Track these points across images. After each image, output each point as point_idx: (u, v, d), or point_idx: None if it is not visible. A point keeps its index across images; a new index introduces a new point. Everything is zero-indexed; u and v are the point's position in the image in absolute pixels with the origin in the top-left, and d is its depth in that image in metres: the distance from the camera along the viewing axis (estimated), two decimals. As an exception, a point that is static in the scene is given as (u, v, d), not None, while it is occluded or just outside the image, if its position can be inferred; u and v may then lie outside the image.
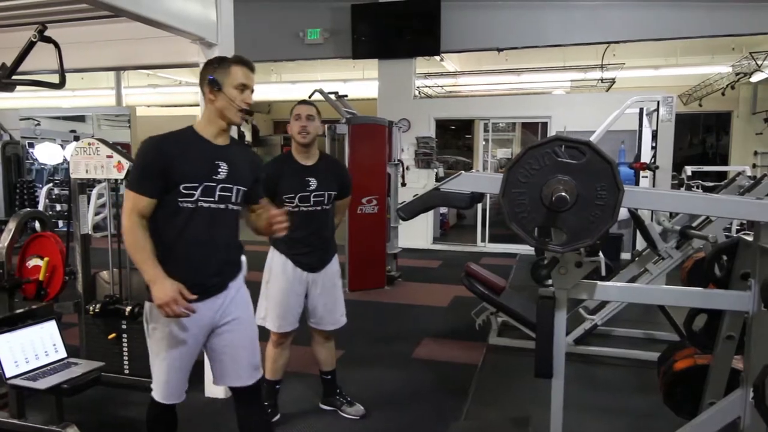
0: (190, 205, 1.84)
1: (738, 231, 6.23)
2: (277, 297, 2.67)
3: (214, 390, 3.09)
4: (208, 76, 1.87)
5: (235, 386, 2.03)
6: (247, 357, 2.01)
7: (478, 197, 1.99)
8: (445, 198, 1.99)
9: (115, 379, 3.11)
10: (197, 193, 1.84)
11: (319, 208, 2.65)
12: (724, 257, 2.19)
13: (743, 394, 1.92)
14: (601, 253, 1.90)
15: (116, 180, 3.12)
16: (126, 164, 2.96)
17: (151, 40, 2.95)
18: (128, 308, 3.01)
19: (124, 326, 3.09)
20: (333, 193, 2.69)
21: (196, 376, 3.19)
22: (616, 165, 1.68)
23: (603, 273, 1.85)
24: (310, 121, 2.61)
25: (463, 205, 1.96)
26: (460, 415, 2.93)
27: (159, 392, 1.95)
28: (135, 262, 1.82)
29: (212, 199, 1.87)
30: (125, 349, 3.11)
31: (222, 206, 1.89)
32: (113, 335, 3.09)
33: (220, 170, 1.88)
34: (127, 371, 3.13)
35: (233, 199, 1.92)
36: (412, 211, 2.06)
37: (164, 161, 1.81)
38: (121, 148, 3.16)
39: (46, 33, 2.51)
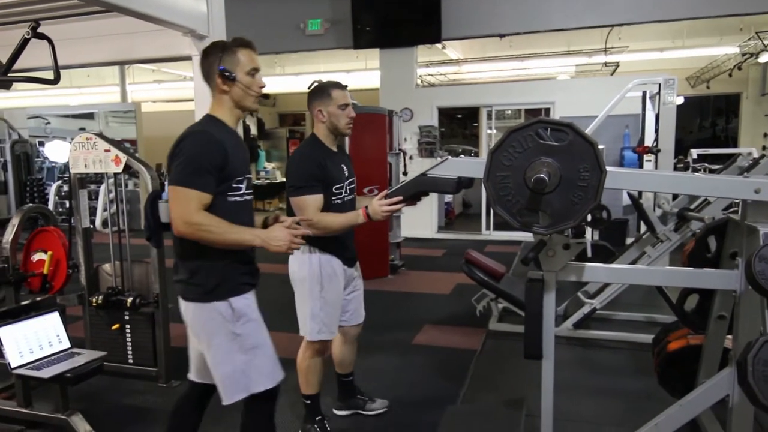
0: (238, 199, 1.86)
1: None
2: (335, 302, 2.49)
3: (216, 378, 3.14)
4: (219, 67, 1.81)
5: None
6: None
7: (466, 182, 2.00)
8: (432, 183, 1.99)
9: (119, 369, 3.18)
10: (243, 187, 1.87)
11: (352, 196, 2.50)
12: (715, 237, 2.20)
13: (732, 372, 1.92)
14: (588, 235, 1.91)
15: (115, 174, 3.18)
16: (123, 158, 3.01)
17: (144, 34, 2.98)
18: (130, 299, 3.07)
19: (126, 317, 3.16)
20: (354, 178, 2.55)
21: (185, 362, 3.26)
22: (598, 146, 1.69)
23: (589, 255, 1.85)
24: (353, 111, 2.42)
25: (450, 190, 1.97)
26: (458, 400, 2.97)
27: (273, 377, 1.90)
28: (229, 239, 1.76)
29: (251, 191, 1.94)
30: (128, 339, 3.17)
31: (249, 198, 1.95)
32: (116, 326, 3.16)
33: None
34: (131, 361, 3.19)
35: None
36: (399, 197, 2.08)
37: (223, 158, 1.77)
38: (129, 145, 3.21)
39: (40, 30, 2.55)
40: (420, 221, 8.35)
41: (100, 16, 2.96)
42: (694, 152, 8.24)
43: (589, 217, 1.76)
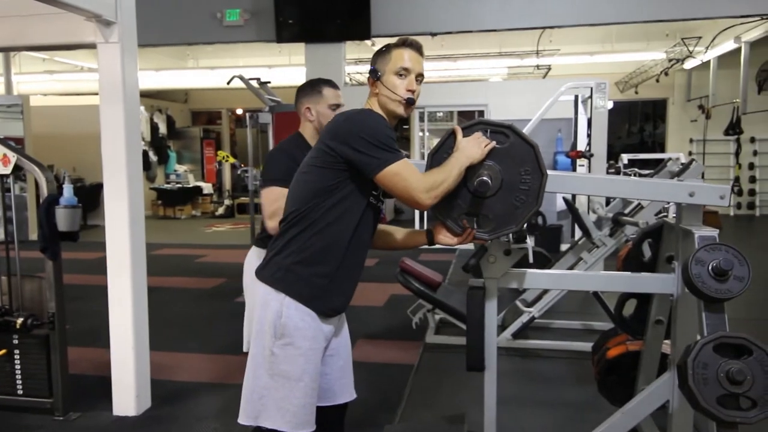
0: (373, 201, 1.75)
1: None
2: None
3: (124, 407, 2.99)
4: (371, 67, 1.80)
5: (340, 403, 1.92)
6: (351, 369, 1.97)
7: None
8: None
9: (6, 402, 2.96)
10: (379, 193, 1.76)
11: None
12: (650, 241, 2.35)
13: (672, 376, 2.05)
14: (528, 241, 1.99)
15: (3, 176, 2.96)
16: (12, 157, 2.81)
17: (41, 17, 2.81)
18: (20, 320, 2.85)
19: (15, 341, 2.93)
20: None
21: (102, 393, 3.11)
22: (539, 148, 1.76)
23: (531, 260, 1.93)
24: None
25: (390, 195, 1.99)
26: (395, 418, 2.98)
27: (291, 422, 1.69)
28: (456, 174, 1.68)
29: (378, 195, 1.78)
30: (18, 366, 2.95)
31: (380, 206, 1.82)
32: (3, 351, 2.93)
33: None
34: (20, 391, 2.97)
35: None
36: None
37: None
38: (14, 144, 3.01)
39: None
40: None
41: (-16, -6, 2.76)
42: (625, 157, 8.78)
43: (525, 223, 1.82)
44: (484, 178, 1.70)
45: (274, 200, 2.21)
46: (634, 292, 2.32)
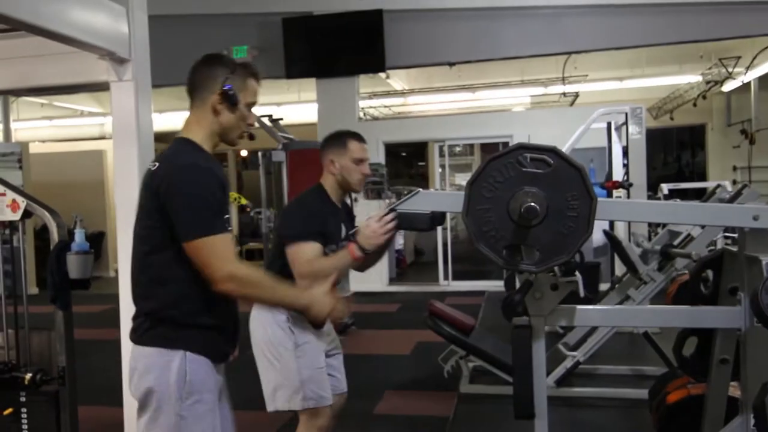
0: None
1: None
2: (315, 362, 2.47)
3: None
4: (225, 85, 1.75)
5: None
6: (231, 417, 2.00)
7: (439, 218, 2.04)
8: (406, 219, 2.02)
9: (12, 466, 2.94)
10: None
11: None
12: (710, 272, 2.32)
13: (744, 421, 1.99)
14: (577, 274, 1.98)
15: (11, 222, 3.02)
16: (22, 203, 2.87)
17: (52, 57, 2.91)
18: (28, 376, 2.86)
19: (23, 398, 2.94)
20: None
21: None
22: (586, 170, 1.77)
23: (582, 295, 1.91)
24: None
25: (423, 227, 2.00)
26: (433, 476, 2.92)
27: None
28: (276, 298, 1.86)
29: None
30: (25, 426, 2.94)
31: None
32: (9, 410, 2.93)
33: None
34: (27, 455, 2.96)
35: None
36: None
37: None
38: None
39: None
40: (369, 273, 8.30)
41: (-4, 36, 2.89)
42: (665, 187, 8.74)
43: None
44: (531, 204, 1.70)
45: (308, 260, 2.30)
46: (695, 329, 2.28)
